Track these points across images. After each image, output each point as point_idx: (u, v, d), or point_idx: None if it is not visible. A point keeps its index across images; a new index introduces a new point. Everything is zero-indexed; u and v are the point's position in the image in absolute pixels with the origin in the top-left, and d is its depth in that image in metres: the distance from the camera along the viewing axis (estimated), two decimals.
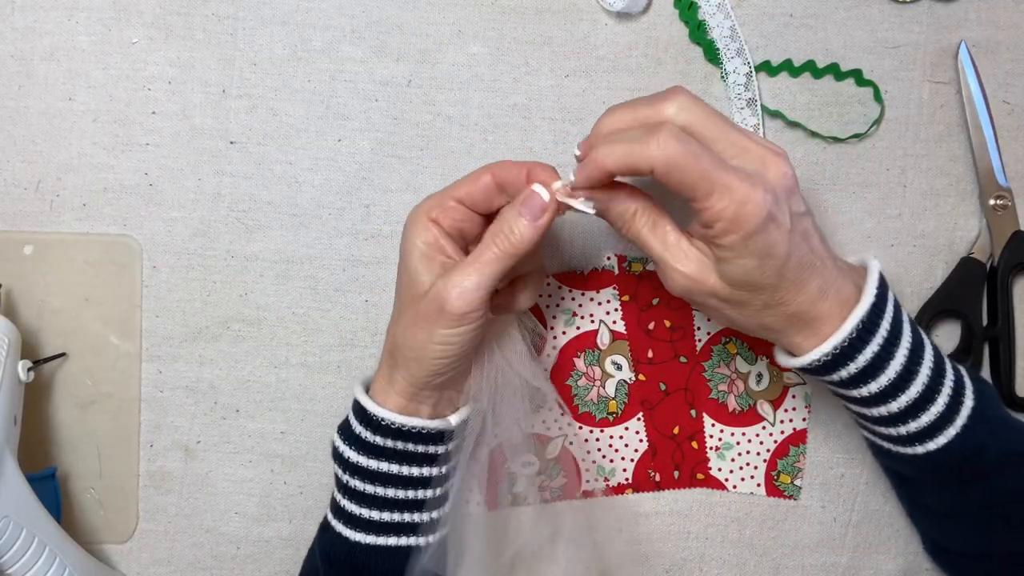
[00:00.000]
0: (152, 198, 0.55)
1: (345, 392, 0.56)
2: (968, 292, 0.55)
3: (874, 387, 0.45)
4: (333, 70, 0.55)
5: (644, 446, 0.57)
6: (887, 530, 0.57)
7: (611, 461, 0.57)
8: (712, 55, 0.55)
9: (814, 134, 0.55)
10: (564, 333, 0.56)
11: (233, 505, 0.57)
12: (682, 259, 0.43)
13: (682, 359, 0.57)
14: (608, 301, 0.56)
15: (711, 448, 0.57)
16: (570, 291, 0.56)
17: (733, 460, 0.57)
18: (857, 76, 0.55)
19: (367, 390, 0.49)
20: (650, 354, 0.56)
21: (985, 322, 0.56)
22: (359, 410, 0.48)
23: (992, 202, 0.55)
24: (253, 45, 0.55)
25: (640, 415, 0.57)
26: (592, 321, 0.56)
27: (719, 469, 0.57)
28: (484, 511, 0.56)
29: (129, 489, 0.56)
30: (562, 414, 0.55)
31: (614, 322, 0.56)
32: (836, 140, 0.55)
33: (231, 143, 0.55)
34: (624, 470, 0.57)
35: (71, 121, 0.55)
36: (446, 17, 0.55)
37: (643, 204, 0.44)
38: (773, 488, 0.57)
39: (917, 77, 0.56)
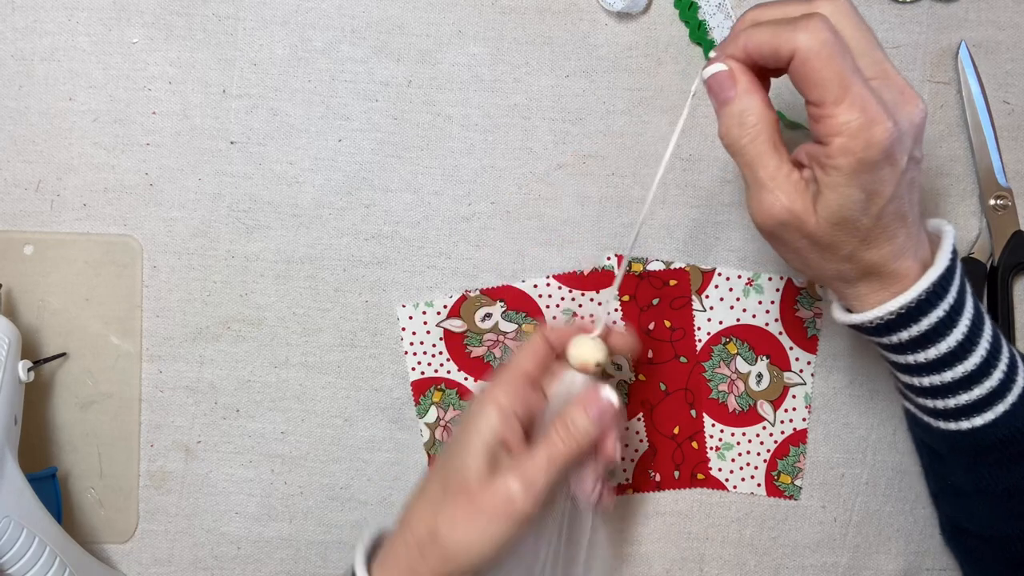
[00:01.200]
0: (152, 198, 0.55)
1: (345, 392, 0.56)
2: None
3: (932, 353, 0.43)
4: (333, 70, 0.55)
5: (644, 446, 0.57)
6: (887, 530, 0.57)
7: None
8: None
9: None
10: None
11: (233, 505, 0.57)
12: (789, 190, 0.40)
13: (682, 359, 0.57)
14: (608, 301, 0.56)
15: (711, 448, 0.57)
16: (570, 291, 0.56)
17: (733, 460, 0.57)
18: None
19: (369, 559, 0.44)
20: (650, 354, 0.56)
21: None
22: None
23: (992, 202, 0.55)
24: (253, 45, 0.55)
25: (640, 415, 0.57)
26: (592, 321, 0.56)
27: (719, 469, 0.57)
28: None
29: (129, 489, 0.56)
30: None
31: (614, 322, 0.56)
32: None
33: (231, 143, 0.55)
34: (624, 470, 0.57)
35: (71, 121, 0.55)
36: (446, 17, 0.55)
37: (771, 117, 0.41)
38: (773, 488, 0.57)
39: (917, 77, 0.56)
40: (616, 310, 0.56)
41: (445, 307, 0.56)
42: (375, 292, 0.56)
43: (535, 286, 0.56)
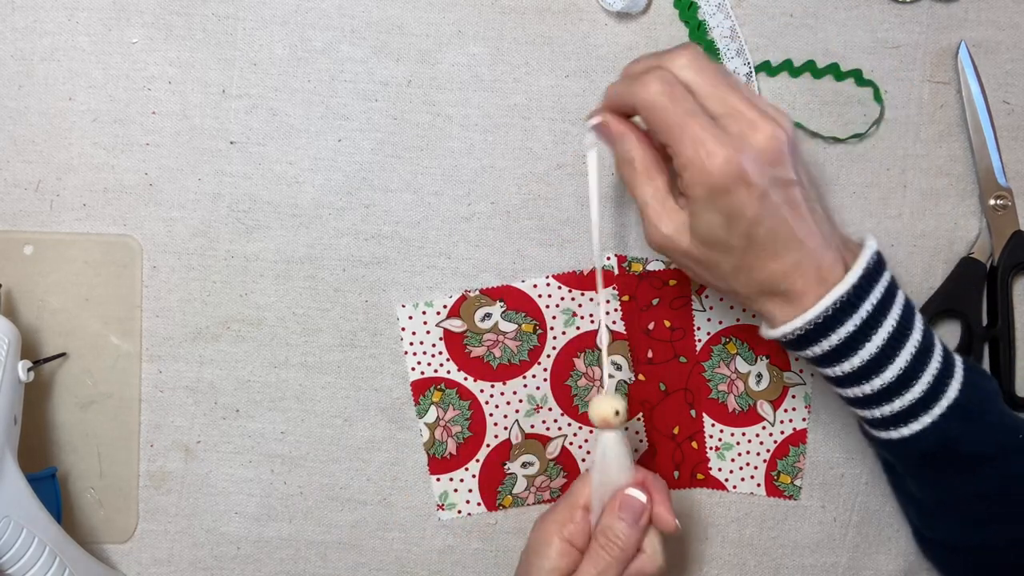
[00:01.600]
0: (152, 198, 0.55)
1: (345, 392, 0.56)
2: (968, 292, 0.56)
3: (847, 367, 0.45)
4: (333, 70, 0.55)
5: (644, 446, 0.57)
6: (887, 530, 0.57)
7: None
8: (712, 55, 0.55)
9: (814, 134, 0.55)
10: (564, 333, 0.56)
11: (233, 505, 0.57)
12: (663, 216, 0.45)
13: (682, 359, 0.57)
14: (608, 301, 0.56)
15: (711, 448, 0.57)
16: (570, 291, 0.56)
17: (733, 460, 0.57)
18: (857, 76, 0.55)
19: None
20: (650, 354, 0.56)
21: (985, 322, 0.56)
22: None
23: (992, 202, 0.55)
24: (253, 45, 0.55)
25: (640, 415, 0.57)
26: (592, 321, 0.56)
27: (719, 469, 0.57)
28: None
29: (129, 489, 0.56)
30: None
31: (614, 322, 0.56)
32: (836, 140, 0.55)
33: (231, 143, 0.55)
34: None
35: (71, 121, 0.55)
36: (446, 17, 0.55)
37: (645, 154, 0.45)
38: (773, 488, 0.57)
39: (917, 77, 0.56)
40: (616, 310, 0.56)
41: (445, 307, 0.56)
42: (375, 292, 0.56)
43: (535, 286, 0.56)
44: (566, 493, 0.49)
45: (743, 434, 0.57)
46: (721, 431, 0.57)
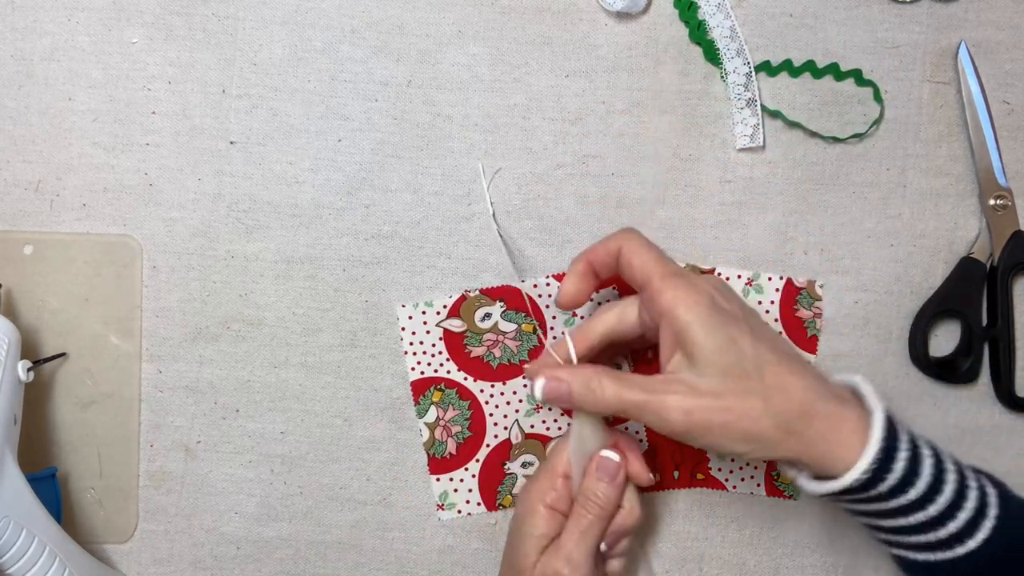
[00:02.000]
0: (152, 198, 0.55)
1: (345, 392, 0.56)
2: (968, 292, 0.56)
3: (912, 494, 0.43)
4: (333, 70, 0.55)
5: (644, 446, 0.57)
6: None
7: None
8: (712, 55, 0.55)
9: (814, 134, 0.55)
10: (564, 333, 0.56)
11: (233, 505, 0.57)
12: (671, 387, 0.44)
13: None
14: (608, 301, 0.56)
15: None
16: None
17: (733, 460, 0.57)
18: (857, 76, 0.55)
19: None
20: (650, 354, 0.56)
21: (985, 322, 0.56)
22: None
23: (992, 202, 0.55)
24: (253, 45, 0.55)
25: None
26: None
27: (719, 469, 0.57)
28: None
29: (129, 489, 0.56)
30: None
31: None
32: (836, 140, 0.55)
33: (231, 143, 0.55)
34: None
35: (71, 121, 0.55)
36: (446, 17, 0.55)
37: (601, 368, 0.46)
38: (773, 488, 0.57)
39: (917, 77, 0.56)
40: None
41: (445, 307, 0.56)
42: (375, 292, 0.56)
43: (535, 286, 0.56)
44: (545, 463, 0.51)
45: None
46: None
